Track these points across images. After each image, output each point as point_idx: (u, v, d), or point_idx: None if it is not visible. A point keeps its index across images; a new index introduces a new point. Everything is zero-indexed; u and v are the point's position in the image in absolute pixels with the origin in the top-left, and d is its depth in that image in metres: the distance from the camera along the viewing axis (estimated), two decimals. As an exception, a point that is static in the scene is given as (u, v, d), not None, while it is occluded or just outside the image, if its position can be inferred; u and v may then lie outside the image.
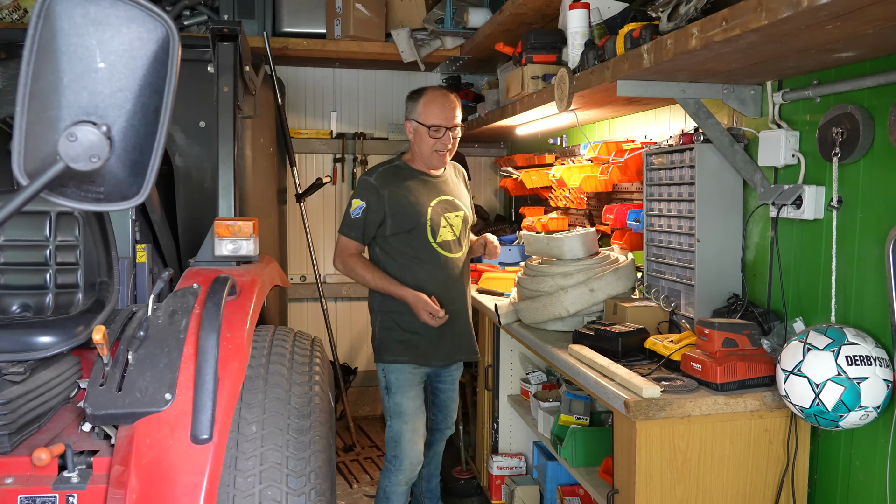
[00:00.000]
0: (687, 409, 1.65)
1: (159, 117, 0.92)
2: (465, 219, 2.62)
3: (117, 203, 0.95)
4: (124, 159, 0.90)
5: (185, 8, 3.78)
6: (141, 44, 0.88)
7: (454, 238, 2.58)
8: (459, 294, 2.62)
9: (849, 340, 1.52)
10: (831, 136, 1.67)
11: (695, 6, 1.58)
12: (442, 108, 2.50)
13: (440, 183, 2.60)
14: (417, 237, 2.50)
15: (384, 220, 2.48)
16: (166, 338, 1.58)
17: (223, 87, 2.01)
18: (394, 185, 2.50)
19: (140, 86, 0.88)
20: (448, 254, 2.56)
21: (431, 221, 2.51)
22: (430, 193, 2.55)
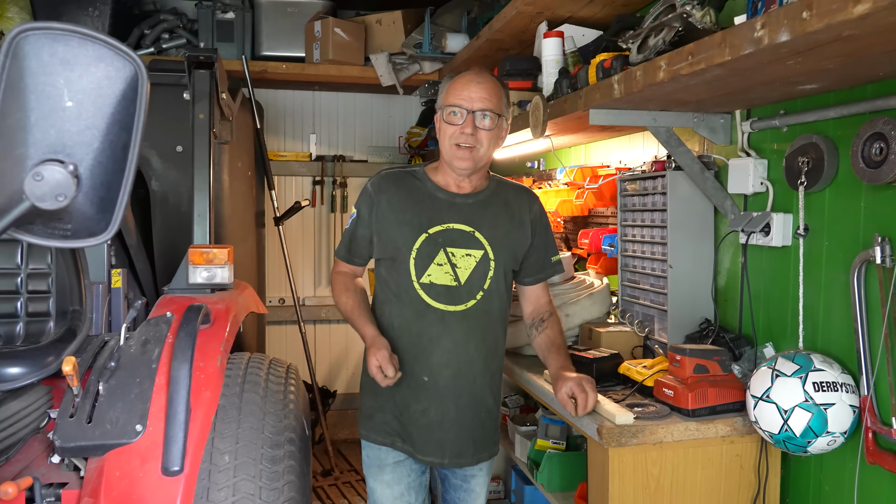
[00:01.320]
0: (659, 435, 1.66)
1: (128, 154, 0.92)
2: (484, 262, 1.86)
3: (85, 239, 0.95)
4: (92, 196, 0.90)
5: (164, 31, 3.79)
6: (109, 82, 0.88)
7: (454, 284, 1.84)
8: (447, 365, 1.84)
9: (816, 367, 1.55)
10: (797, 165, 1.70)
11: (663, 39, 1.62)
12: (464, 86, 1.82)
13: (463, 205, 1.88)
14: (398, 270, 1.86)
15: (372, 237, 1.91)
16: (138, 367, 1.57)
17: (199, 115, 2.02)
18: (392, 194, 1.89)
19: (108, 123, 0.89)
20: (437, 304, 1.83)
21: (418, 253, 1.83)
22: (437, 215, 1.86)
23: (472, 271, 1.86)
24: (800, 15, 1.07)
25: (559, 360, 1.87)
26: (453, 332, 1.85)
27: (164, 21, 3.80)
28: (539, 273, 1.99)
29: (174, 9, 3.97)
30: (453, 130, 1.82)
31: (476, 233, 1.88)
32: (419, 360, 1.85)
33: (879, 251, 1.48)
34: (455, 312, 1.85)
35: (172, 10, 3.95)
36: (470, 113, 1.81)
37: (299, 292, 4.13)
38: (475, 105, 1.81)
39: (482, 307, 1.87)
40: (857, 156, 1.51)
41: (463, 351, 1.85)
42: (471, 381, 1.87)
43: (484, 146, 1.83)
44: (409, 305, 1.86)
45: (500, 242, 1.89)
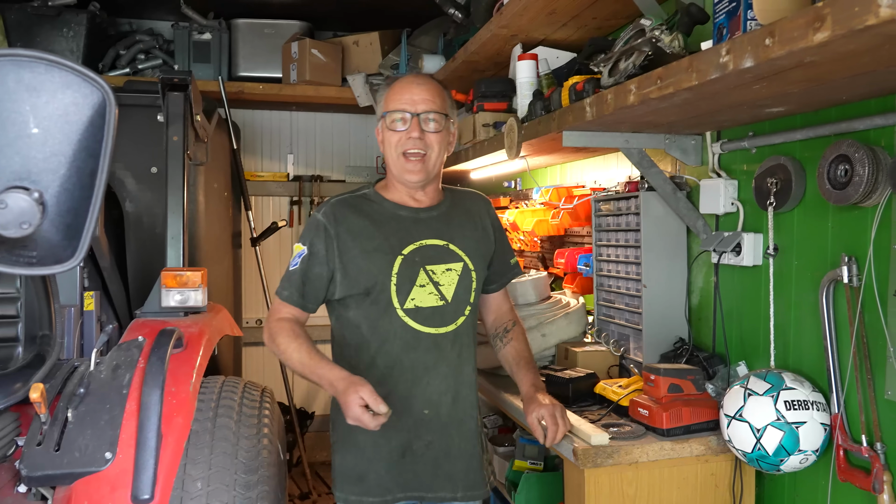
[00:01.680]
0: (634, 455, 1.67)
1: (95, 181, 0.91)
2: (466, 274, 1.76)
3: (51, 267, 0.94)
4: (58, 223, 0.89)
5: (140, 52, 3.78)
6: (76, 109, 0.88)
7: (441, 304, 1.71)
8: (446, 392, 1.73)
9: (787, 385, 1.57)
10: (766, 186, 1.73)
11: (633, 63, 1.64)
12: (404, 89, 1.70)
13: (429, 219, 1.77)
14: (377, 302, 1.69)
15: (333, 274, 1.70)
16: (108, 393, 1.55)
17: (173, 137, 2.01)
18: (353, 223, 1.71)
19: (75, 150, 0.88)
20: (425, 328, 1.70)
21: (398, 278, 1.68)
22: (407, 234, 1.73)
23: (457, 286, 1.74)
24: (763, 42, 1.10)
25: (528, 376, 1.81)
26: (448, 355, 1.73)
27: (140, 42, 3.79)
28: (502, 278, 1.94)
29: (150, 29, 3.97)
30: (398, 138, 1.70)
31: (450, 245, 1.76)
32: (416, 393, 1.71)
33: (846, 271, 1.50)
34: (447, 334, 1.73)
35: (148, 30, 3.95)
36: (414, 116, 1.69)
37: (276, 313, 4.09)
38: (419, 107, 1.69)
39: (470, 323, 1.79)
40: (824, 177, 1.54)
41: (459, 373, 1.76)
42: (470, 402, 1.79)
43: (435, 151, 1.71)
44: (396, 338, 1.70)
45: (474, 252, 1.80)
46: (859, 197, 1.44)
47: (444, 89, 1.79)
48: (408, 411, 1.70)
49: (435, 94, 1.73)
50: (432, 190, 1.81)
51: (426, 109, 1.69)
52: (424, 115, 1.69)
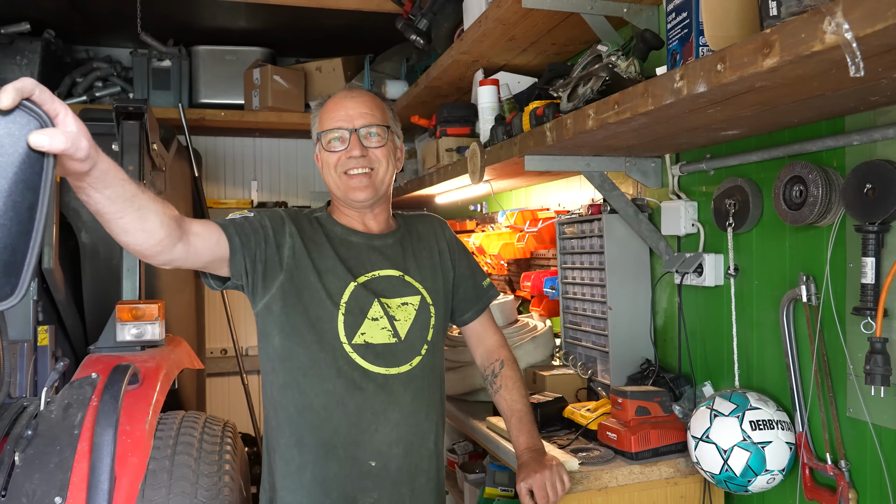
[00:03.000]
0: (604, 480, 1.65)
1: (35, 215, 0.87)
2: (424, 309, 1.59)
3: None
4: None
5: (98, 79, 3.72)
6: (12, 140, 0.84)
7: (393, 341, 1.53)
8: (397, 442, 1.52)
9: (752, 405, 1.57)
10: (725, 207, 1.75)
11: (591, 88, 1.66)
12: (337, 105, 1.56)
13: (383, 247, 1.60)
14: (319, 333, 1.48)
15: (273, 269, 1.47)
16: (59, 434, 1.49)
17: (128, 166, 1.97)
18: (309, 235, 1.55)
19: (11, 183, 0.84)
20: (376, 367, 1.50)
21: (347, 307, 1.49)
22: (358, 262, 1.56)
23: (413, 322, 1.56)
24: (714, 67, 1.11)
25: (522, 437, 1.63)
26: (400, 400, 1.52)
27: (98, 69, 3.74)
28: (476, 304, 1.75)
29: (108, 56, 3.91)
30: (337, 158, 1.53)
31: (406, 276, 1.59)
32: (361, 442, 1.49)
33: (805, 290, 1.52)
34: (399, 375, 1.52)
35: (106, 58, 3.89)
36: (353, 132, 1.53)
37: (241, 342, 4.02)
38: (356, 122, 1.54)
39: (428, 364, 1.57)
40: (779, 198, 1.56)
41: (413, 422, 1.54)
42: (426, 454, 1.57)
43: (382, 165, 1.56)
44: (339, 376, 1.47)
45: (432, 282, 1.63)
46: (814, 217, 1.47)
47: (382, 100, 1.64)
48: (353, 462, 1.48)
49: (372, 106, 1.58)
50: (383, 215, 1.65)
51: (365, 123, 1.54)
52: (364, 130, 1.54)
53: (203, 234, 1.35)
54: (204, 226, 1.37)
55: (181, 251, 1.27)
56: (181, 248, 1.27)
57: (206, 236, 1.36)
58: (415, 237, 1.68)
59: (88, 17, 3.53)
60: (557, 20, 2.10)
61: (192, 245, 1.30)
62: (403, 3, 3.01)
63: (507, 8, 1.97)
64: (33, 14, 3.42)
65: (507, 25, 2.13)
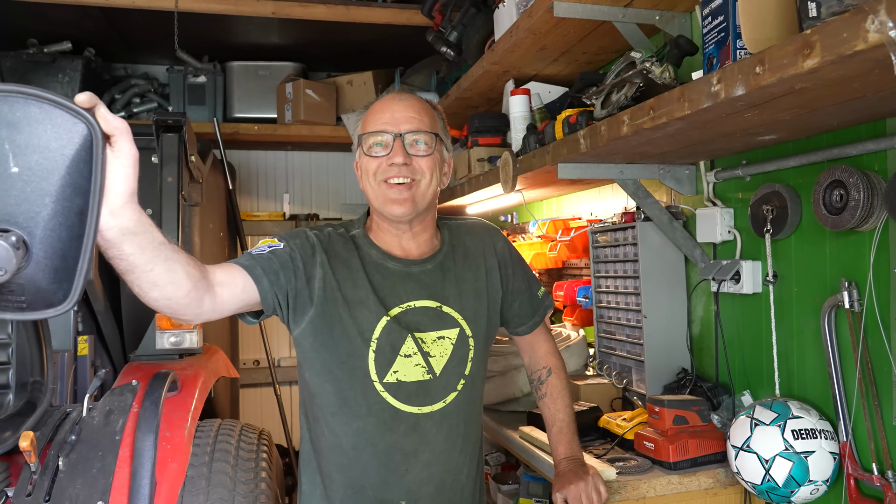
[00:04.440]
0: (642, 490, 1.63)
1: (85, 219, 0.88)
2: (462, 343, 1.46)
3: (42, 311, 0.90)
4: (45, 266, 0.86)
5: (135, 96, 3.81)
6: (60, 144, 0.84)
7: (427, 378, 1.42)
8: (428, 481, 1.43)
9: (794, 414, 1.54)
10: (762, 214, 1.73)
11: (625, 94, 1.65)
12: (384, 108, 1.43)
13: (420, 274, 1.46)
14: (350, 370, 1.39)
15: (303, 302, 1.37)
16: (101, 440, 1.52)
17: (167, 178, 2.01)
18: (342, 260, 1.42)
19: (60, 188, 0.84)
20: (408, 407, 1.41)
21: (379, 343, 1.38)
22: (394, 291, 1.42)
23: (450, 358, 1.43)
24: (753, 70, 1.10)
25: (561, 447, 1.59)
26: (432, 440, 1.42)
27: (136, 86, 3.83)
28: (532, 318, 1.65)
29: (145, 73, 4.01)
30: (378, 165, 1.40)
31: (443, 307, 1.45)
32: (390, 483, 1.41)
33: (847, 296, 1.49)
34: (432, 414, 1.41)
35: (144, 74, 3.99)
36: (397, 137, 1.38)
37: (274, 353, 4.05)
38: (402, 126, 1.39)
39: (464, 398, 1.45)
40: (819, 203, 1.54)
41: (446, 459, 1.44)
42: (458, 490, 1.47)
43: (426, 178, 1.41)
44: (370, 415, 1.39)
45: (474, 311, 1.48)
46: (856, 222, 1.44)
47: (433, 108, 1.49)
48: (382, 502, 1.42)
49: (421, 111, 1.43)
50: (424, 234, 1.49)
51: (411, 129, 1.40)
52: (410, 137, 1.40)
53: (227, 282, 1.25)
54: (228, 273, 1.27)
55: (209, 304, 1.19)
56: (209, 301, 1.19)
57: (230, 284, 1.26)
58: (460, 256, 1.52)
59: (126, 36, 3.62)
60: (589, 29, 2.10)
61: (218, 296, 1.22)
62: (434, 17, 3.04)
63: (539, 18, 1.98)
64: (74, 34, 3.52)
65: (539, 35, 2.14)
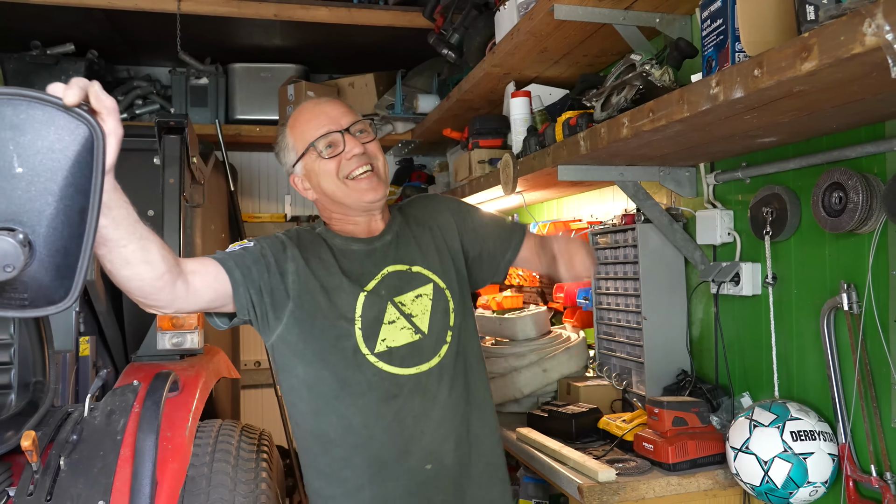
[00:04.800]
0: (641, 491, 1.63)
1: (86, 218, 0.90)
2: (439, 296, 1.51)
3: (44, 308, 0.92)
4: (48, 264, 0.88)
5: (138, 97, 3.82)
6: (63, 145, 0.87)
7: (417, 338, 1.47)
8: (446, 438, 1.46)
9: (792, 416, 1.54)
10: (762, 216, 1.74)
11: (625, 97, 1.66)
12: (315, 112, 1.49)
13: (383, 246, 1.53)
14: (341, 350, 1.43)
15: (280, 297, 1.41)
16: (102, 440, 1.52)
17: (169, 179, 2.02)
18: (313, 253, 1.48)
19: (62, 187, 0.86)
20: (403, 370, 1.45)
21: (363, 320, 1.43)
22: (365, 267, 1.49)
23: (432, 312, 1.49)
24: (752, 72, 1.11)
25: None
26: (438, 395, 1.45)
27: (138, 87, 3.84)
28: (510, 240, 1.68)
29: (148, 75, 4.02)
30: (335, 164, 1.45)
31: (413, 268, 1.51)
32: (410, 451, 1.42)
33: (846, 298, 1.49)
34: (430, 371, 1.46)
35: (146, 76, 4.00)
36: (344, 132, 1.46)
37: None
38: (343, 122, 1.47)
39: (457, 349, 1.51)
40: (818, 205, 1.54)
41: (455, 412, 1.47)
42: (476, 441, 1.50)
43: (380, 159, 1.50)
44: (370, 391, 1.42)
45: (440, 265, 1.54)
46: (855, 224, 1.44)
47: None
48: (407, 474, 1.42)
49: (346, 105, 1.54)
50: (385, 211, 1.58)
51: (353, 121, 1.49)
52: (354, 128, 1.48)
53: (200, 270, 1.30)
54: (200, 263, 1.33)
55: (182, 290, 1.23)
56: (181, 286, 1.23)
57: (203, 273, 1.31)
58: (412, 224, 1.59)
59: (129, 39, 3.63)
60: (589, 31, 2.11)
61: (191, 284, 1.26)
62: (435, 19, 3.05)
63: (540, 20, 1.99)
64: (77, 36, 3.53)
65: (539, 37, 2.14)
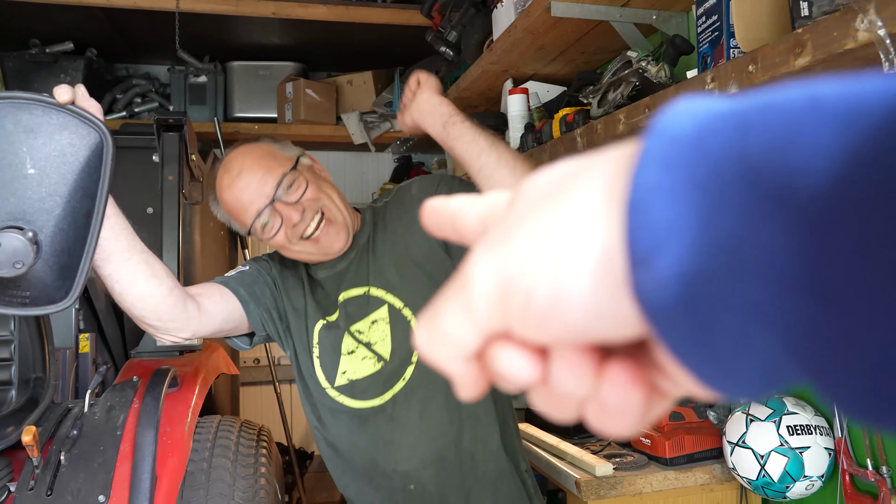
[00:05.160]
0: (638, 486, 1.64)
1: (91, 221, 0.92)
2: (396, 318, 1.33)
3: (44, 307, 0.94)
4: (52, 263, 0.90)
5: (137, 96, 3.83)
6: (74, 150, 0.89)
7: (380, 366, 1.33)
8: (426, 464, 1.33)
9: (789, 410, 1.55)
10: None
11: (621, 93, 1.67)
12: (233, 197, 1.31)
13: (347, 266, 1.39)
14: (305, 382, 1.41)
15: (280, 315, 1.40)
16: (102, 435, 1.53)
17: (168, 176, 2.03)
18: (289, 275, 1.43)
19: (71, 190, 0.89)
20: (365, 403, 1.34)
21: (321, 349, 1.37)
22: (329, 295, 1.40)
23: (392, 337, 1.33)
24: (746, 68, 1.12)
25: None
26: (406, 421, 1.32)
27: (137, 86, 3.84)
28: None
29: (146, 73, 4.02)
30: (284, 236, 1.30)
31: (371, 290, 1.36)
32: (388, 473, 1.35)
33: (842, 293, 1.50)
34: (395, 397, 1.32)
35: (145, 74, 4.00)
36: (271, 205, 1.27)
37: (274, 352, 4.07)
38: (266, 191, 1.27)
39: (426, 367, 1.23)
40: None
41: (434, 435, 1.32)
42: (469, 460, 1.34)
43: (326, 199, 1.32)
44: (337, 420, 1.36)
45: (399, 278, 1.35)
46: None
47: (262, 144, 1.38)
48: (390, 491, 1.37)
49: (261, 165, 1.30)
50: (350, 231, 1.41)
51: (273, 185, 1.28)
52: (280, 192, 1.28)
53: (205, 293, 1.29)
54: (203, 286, 1.32)
55: (193, 310, 1.21)
56: (192, 307, 1.20)
57: (208, 294, 1.29)
58: (379, 230, 1.43)
59: (128, 37, 3.64)
60: (586, 29, 2.11)
61: (201, 304, 1.24)
62: (433, 17, 3.05)
63: (537, 18, 1.99)
64: (76, 34, 3.53)
65: (537, 35, 2.15)
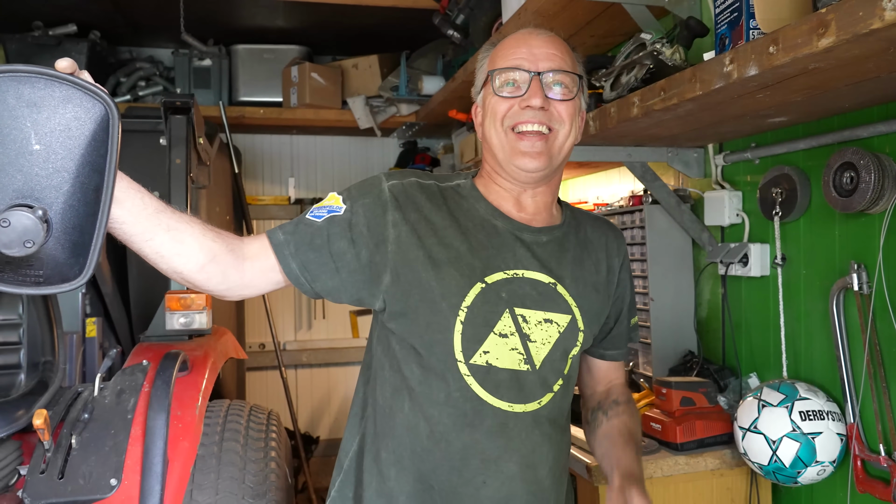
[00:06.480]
0: (649, 470, 1.64)
1: (100, 196, 0.90)
2: (570, 334, 1.18)
3: (58, 286, 0.92)
4: (63, 241, 0.88)
5: (141, 79, 3.80)
6: (79, 123, 0.87)
7: (525, 368, 1.14)
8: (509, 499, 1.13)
9: (801, 395, 1.55)
10: (771, 196, 1.73)
11: (635, 76, 1.65)
12: (520, 41, 1.18)
13: (534, 244, 1.19)
14: (428, 343, 1.13)
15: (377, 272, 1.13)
16: (112, 419, 1.53)
17: (175, 160, 2.01)
18: (427, 213, 1.16)
19: (78, 165, 0.87)
20: (494, 400, 1.13)
21: (469, 315, 1.12)
22: (498, 254, 1.16)
23: (553, 348, 1.16)
24: (767, 49, 1.10)
25: (627, 456, 1.21)
26: (521, 448, 1.14)
27: (141, 69, 3.82)
28: (625, 345, 1.37)
29: (151, 57, 3.99)
30: (508, 107, 1.15)
31: (559, 286, 1.18)
32: (462, 494, 1.13)
33: (856, 278, 1.49)
34: (524, 416, 1.14)
35: (149, 58, 3.97)
36: (535, 76, 1.13)
37: (280, 337, 4.08)
38: (541, 64, 1.14)
39: (559, 404, 1.18)
40: (829, 185, 1.53)
41: (532, 478, 1.15)
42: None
43: (565, 127, 1.16)
44: (447, 404, 1.12)
45: (589, 305, 1.22)
46: (866, 204, 1.44)
47: (573, 50, 1.23)
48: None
49: (563, 49, 1.18)
50: (547, 196, 1.23)
51: (552, 67, 1.15)
52: (550, 77, 1.14)
53: (258, 256, 1.11)
54: (259, 248, 1.11)
55: (235, 279, 1.07)
56: (234, 275, 1.07)
57: (258, 261, 1.11)
58: (581, 239, 1.26)
59: (132, 20, 3.61)
60: (597, 11, 2.09)
61: (245, 272, 1.09)
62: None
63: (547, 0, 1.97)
64: (80, 17, 3.50)
65: (546, 17, 2.12)
